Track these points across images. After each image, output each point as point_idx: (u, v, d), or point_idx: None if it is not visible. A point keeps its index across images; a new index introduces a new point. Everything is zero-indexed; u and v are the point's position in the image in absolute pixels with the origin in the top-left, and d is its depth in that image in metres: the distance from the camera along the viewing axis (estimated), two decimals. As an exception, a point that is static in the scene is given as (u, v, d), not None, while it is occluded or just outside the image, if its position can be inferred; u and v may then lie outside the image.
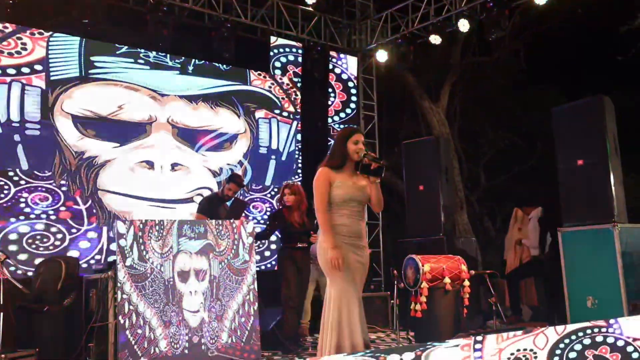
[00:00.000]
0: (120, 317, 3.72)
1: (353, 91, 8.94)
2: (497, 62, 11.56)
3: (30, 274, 5.55)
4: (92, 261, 6.33)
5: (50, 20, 6.42)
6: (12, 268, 5.46)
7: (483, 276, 5.64)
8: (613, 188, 5.29)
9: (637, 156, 8.64)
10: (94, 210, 6.45)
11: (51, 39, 6.44)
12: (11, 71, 6.14)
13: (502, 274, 6.58)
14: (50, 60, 6.39)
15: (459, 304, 5.27)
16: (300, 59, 8.38)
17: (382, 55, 8.55)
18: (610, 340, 2.40)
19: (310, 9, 8.28)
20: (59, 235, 6.23)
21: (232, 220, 4.77)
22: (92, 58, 6.66)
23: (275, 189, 7.73)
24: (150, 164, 6.82)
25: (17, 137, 6.10)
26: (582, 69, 10.51)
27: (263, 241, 7.02)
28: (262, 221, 7.52)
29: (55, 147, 6.30)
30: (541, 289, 6.54)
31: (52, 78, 6.37)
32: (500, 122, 12.67)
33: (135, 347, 3.72)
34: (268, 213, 7.64)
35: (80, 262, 5.94)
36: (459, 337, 3.66)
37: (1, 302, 4.40)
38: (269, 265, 7.48)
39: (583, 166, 5.45)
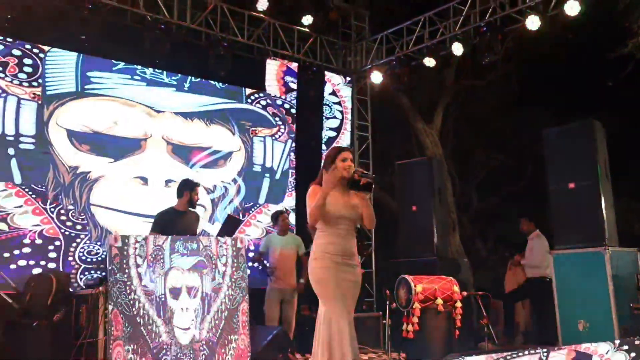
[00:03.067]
0: (138, 318, 4.39)
1: (346, 112, 9.00)
2: (490, 84, 11.70)
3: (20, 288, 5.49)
4: (86, 275, 6.29)
5: (48, 35, 6.45)
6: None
7: (475, 297, 5.65)
8: (604, 211, 5.35)
9: (625, 181, 8.74)
10: (87, 226, 6.42)
11: (48, 53, 6.47)
12: (7, 85, 6.15)
13: (494, 295, 6.59)
14: (47, 75, 6.41)
15: (451, 325, 5.27)
16: (295, 79, 8.45)
17: (376, 77, 8.64)
18: None
19: (306, 29, 8.38)
20: (52, 248, 6.22)
21: (210, 249, 4.81)
22: (89, 73, 6.68)
23: (271, 207, 7.74)
24: (144, 180, 6.81)
25: (11, 151, 6.09)
26: (572, 93, 10.66)
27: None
28: (253, 238, 7.51)
29: (50, 161, 6.30)
30: (533, 312, 6.55)
31: (48, 92, 6.39)
32: (492, 143, 12.79)
33: (147, 337, 4.40)
34: (261, 231, 7.63)
35: (71, 277, 5.91)
36: (450, 357, 3.66)
37: (-10, 317, 4.37)
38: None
39: (574, 189, 5.51)
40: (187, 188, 5.26)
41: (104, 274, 4.84)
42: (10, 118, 6.11)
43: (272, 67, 8.25)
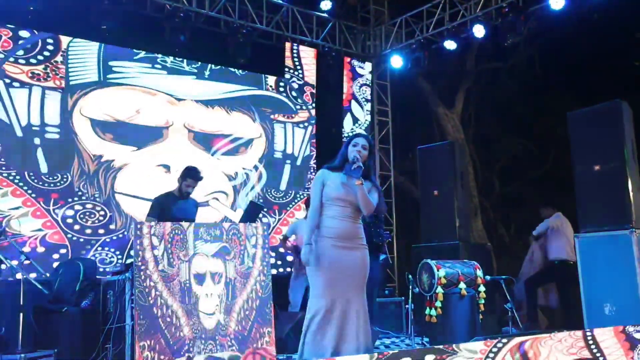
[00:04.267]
0: (154, 309, 4.11)
1: (367, 97, 8.96)
2: (512, 67, 11.51)
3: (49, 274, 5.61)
4: (113, 261, 6.40)
5: (70, 26, 6.53)
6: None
7: (499, 282, 5.61)
8: (631, 194, 5.25)
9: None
10: (111, 214, 6.52)
11: (71, 44, 6.54)
12: (32, 76, 6.24)
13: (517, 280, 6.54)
14: (70, 65, 6.49)
15: (475, 310, 5.25)
16: (314, 65, 8.42)
17: (396, 61, 8.57)
18: None
19: (325, 15, 8.34)
20: (102, 213, 6.42)
21: (237, 232, 4.79)
22: (111, 63, 6.75)
23: (291, 193, 7.77)
24: (166, 168, 6.89)
25: (37, 141, 6.19)
26: (598, 74, 10.43)
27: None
28: (276, 225, 7.55)
29: (74, 150, 6.39)
30: (558, 295, 6.49)
31: (71, 82, 6.47)
32: (515, 127, 12.61)
33: (165, 331, 4.13)
34: (281, 217, 7.67)
35: (98, 263, 6.02)
36: (476, 340, 3.65)
37: (21, 303, 4.48)
38: (281, 270, 7.48)
39: (600, 172, 5.41)
40: (181, 176, 5.18)
41: (130, 260, 4.92)
42: (35, 108, 6.21)
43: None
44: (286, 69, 8.17)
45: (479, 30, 7.54)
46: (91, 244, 6.30)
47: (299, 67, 8.32)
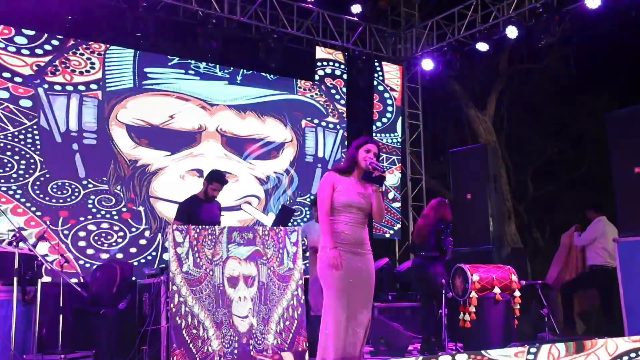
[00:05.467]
0: (177, 318, 3.77)
1: (389, 102, 8.91)
2: (546, 68, 11.31)
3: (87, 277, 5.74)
4: (149, 257, 6.50)
5: (106, 33, 6.70)
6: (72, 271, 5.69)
7: (534, 287, 5.50)
8: (673, 197, 5.09)
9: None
10: (147, 217, 6.64)
11: (107, 51, 6.70)
12: (71, 83, 6.41)
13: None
14: (107, 72, 6.65)
15: (510, 315, 5.16)
16: (345, 68, 8.43)
17: (427, 64, 8.52)
18: None
19: (355, 18, 8.34)
20: (121, 234, 6.46)
21: (276, 228, 4.80)
22: (145, 69, 6.89)
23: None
24: (200, 172, 6.98)
25: (75, 146, 6.36)
26: (635, 74, 10.16)
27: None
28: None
29: (111, 155, 6.54)
30: (598, 301, 6.32)
31: (108, 89, 6.63)
32: (549, 130, 12.37)
33: (190, 345, 3.81)
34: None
35: (135, 261, 6.13)
36: (511, 347, 3.58)
37: (61, 305, 4.59)
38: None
39: (640, 174, 5.26)
40: (206, 179, 5.14)
41: (165, 259, 4.98)
42: (73, 115, 6.39)
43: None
44: (317, 73, 8.18)
45: (512, 32, 7.43)
46: (116, 261, 5.92)
47: (330, 71, 8.32)
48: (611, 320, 5.77)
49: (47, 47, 6.35)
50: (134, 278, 5.42)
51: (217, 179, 5.13)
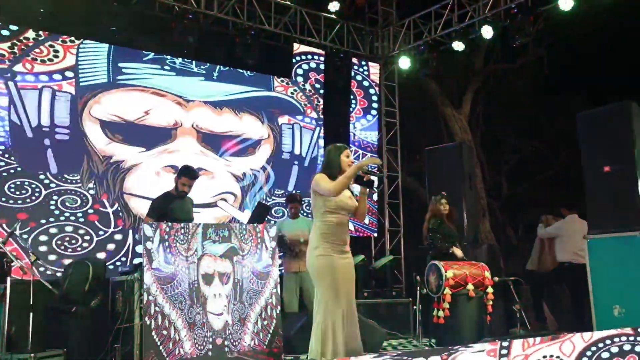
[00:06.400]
0: (146, 319, 3.66)
1: (374, 98, 8.96)
2: (521, 68, 11.47)
3: (59, 274, 5.65)
4: (118, 263, 6.42)
5: (80, 27, 6.58)
6: (42, 269, 5.59)
7: (507, 283, 5.59)
8: (641, 195, 5.21)
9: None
10: (120, 214, 6.56)
11: (81, 46, 6.59)
12: (43, 77, 6.30)
13: (526, 282, 6.51)
14: (80, 67, 6.54)
15: (482, 311, 5.23)
16: (322, 66, 8.43)
17: (404, 62, 8.57)
18: (638, 348, 2.37)
19: (333, 16, 8.35)
20: (87, 237, 6.33)
21: (255, 225, 4.79)
22: (120, 64, 6.80)
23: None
24: (175, 169, 6.90)
25: (47, 142, 6.25)
26: (607, 75, 10.37)
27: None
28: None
29: (84, 151, 6.44)
30: (567, 297, 6.45)
31: (81, 84, 6.52)
32: (523, 129, 12.56)
33: (160, 347, 3.70)
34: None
35: (107, 264, 6.03)
36: (484, 342, 3.64)
37: (31, 303, 4.51)
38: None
39: (610, 173, 5.37)
40: (177, 175, 5.11)
41: (138, 260, 4.93)
42: (45, 110, 6.27)
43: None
44: (294, 70, 8.17)
45: (487, 31, 7.52)
46: (88, 259, 5.52)
47: (307, 68, 8.32)
48: (580, 316, 5.89)
49: (19, 40, 6.22)
50: (106, 276, 5.34)
51: (185, 173, 5.08)
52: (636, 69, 10.27)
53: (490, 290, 5.23)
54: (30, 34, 6.29)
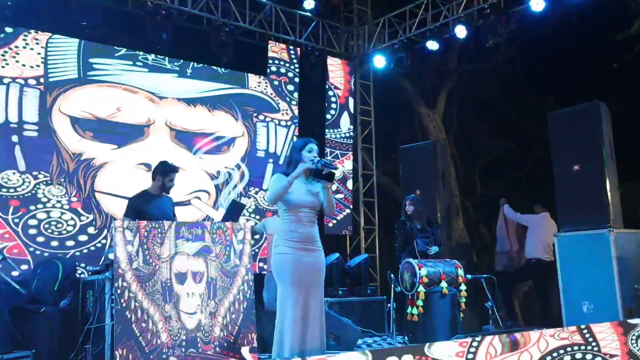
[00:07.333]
0: (127, 313, 3.84)
1: (333, 99, 8.94)
2: (494, 68, 11.61)
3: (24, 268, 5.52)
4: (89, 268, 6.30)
5: (49, 22, 6.43)
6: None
7: (480, 280, 5.66)
8: (609, 194, 5.33)
9: (631, 164, 8.69)
10: (91, 213, 6.44)
11: (50, 40, 6.45)
12: (10, 72, 6.14)
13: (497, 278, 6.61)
14: (49, 62, 6.40)
15: (456, 308, 5.29)
16: (297, 64, 8.41)
17: (379, 61, 8.60)
18: (589, 357, 2.50)
19: (308, 14, 8.33)
20: (72, 222, 6.24)
21: (223, 226, 4.73)
22: (91, 60, 6.67)
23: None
24: (148, 167, 6.81)
25: (14, 138, 6.10)
26: (577, 76, 10.57)
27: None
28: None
29: (53, 148, 6.30)
30: (536, 293, 6.57)
31: (50, 79, 6.38)
32: (496, 128, 12.71)
33: (140, 338, 3.87)
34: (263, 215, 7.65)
35: (78, 261, 5.93)
36: (456, 339, 3.67)
37: (-3, 303, 4.41)
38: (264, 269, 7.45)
39: (579, 172, 5.49)
40: (159, 172, 4.98)
41: (110, 258, 4.84)
42: (13, 105, 6.11)
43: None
44: (269, 68, 8.14)
45: (460, 31, 7.60)
46: (57, 257, 5.79)
47: (282, 66, 8.29)
48: (548, 312, 6.01)
49: (-15, 34, 6.06)
50: (77, 275, 5.26)
51: (172, 169, 5.01)
52: (604, 70, 10.51)
53: (463, 287, 5.30)
54: (-2, 27, 6.13)
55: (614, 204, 5.38)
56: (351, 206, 8.78)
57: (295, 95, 8.34)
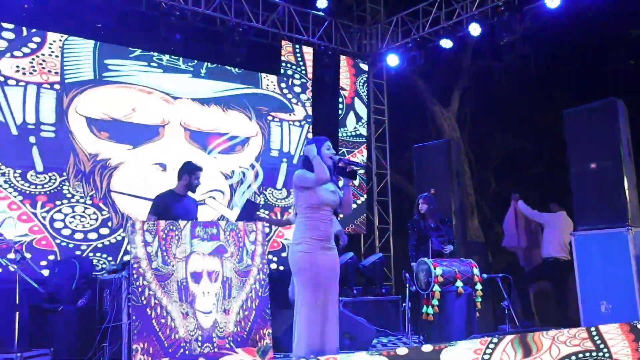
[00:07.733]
0: (147, 310, 4.02)
1: (340, 99, 8.92)
2: (508, 66, 11.51)
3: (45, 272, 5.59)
4: (110, 259, 6.36)
5: (65, 23, 6.50)
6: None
7: (495, 280, 5.62)
8: (627, 192, 5.27)
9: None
10: (108, 212, 6.50)
11: (66, 42, 6.51)
12: (27, 74, 6.21)
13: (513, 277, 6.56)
14: (65, 63, 6.46)
15: (471, 308, 5.25)
16: (311, 63, 8.41)
17: (392, 60, 8.57)
18: None
19: (321, 13, 8.33)
20: (94, 216, 6.37)
21: (236, 227, 4.75)
22: (106, 61, 6.72)
23: (287, 192, 7.76)
24: (162, 167, 6.86)
25: (32, 139, 6.16)
26: (594, 73, 10.45)
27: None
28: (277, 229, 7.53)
29: (70, 149, 6.36)
30: (553, 293, 6.51)
31: (66, 81, 6.45)
32: (510, 126, 12.61)
33: (160, 333, 4.06)
34: (278, 215, 7.66)
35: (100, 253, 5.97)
36: (473, 339, 3.65)
37: (17, 302, 4.46)
38: (274, 267, 7.47)
39: (596, 169, 5.43)
40: (186, 172, 5.04)
41: (127, 258, 4.89)
42: (30, 107, 6.18)
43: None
44: (283, 68, 8.15)
45: (474, 29, 7.55)
46: (82, 250, 6.20)
47: (296, 66, 8.31)
48: (565, 311, 5.95)
49: (2, 37, 6.13)
50: (94, 274, 5.30)
51: (197, 168, 5.09)
52: (621, 67, 10.37)
53: (479, 287, 5.27)
54: (15, 30, 6.20)
55: (632, 202, 5.31)
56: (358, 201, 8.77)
57: (309, 94, 8.35)
